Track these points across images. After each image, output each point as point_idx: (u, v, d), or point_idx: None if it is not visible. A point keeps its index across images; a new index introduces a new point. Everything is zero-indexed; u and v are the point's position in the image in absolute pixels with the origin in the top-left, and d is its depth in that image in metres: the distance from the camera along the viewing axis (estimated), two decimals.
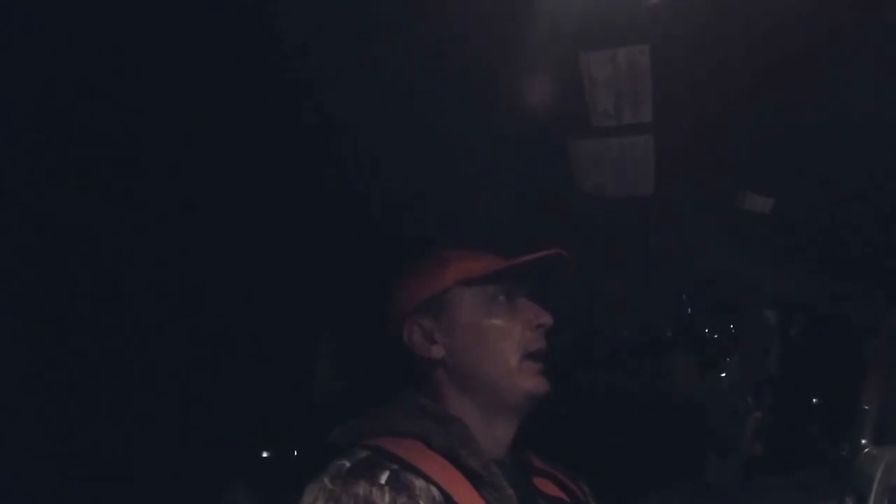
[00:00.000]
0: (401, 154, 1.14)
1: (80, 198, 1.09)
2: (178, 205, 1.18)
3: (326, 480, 0.94)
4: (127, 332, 1.16)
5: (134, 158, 1.12)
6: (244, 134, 1.11)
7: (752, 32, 1.02)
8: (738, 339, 1.50)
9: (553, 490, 1.11)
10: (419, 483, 0.94)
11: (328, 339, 1.38)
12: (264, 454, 1.28)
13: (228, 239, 1.23)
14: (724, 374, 1.52)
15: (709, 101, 1.12)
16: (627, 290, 1.46)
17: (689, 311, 1.54)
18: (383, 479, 0.93)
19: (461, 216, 1.20)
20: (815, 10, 0.97)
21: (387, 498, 0.91)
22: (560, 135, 1.19)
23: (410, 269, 1.12)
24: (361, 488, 0.91)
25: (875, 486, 0.88)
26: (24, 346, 1.06)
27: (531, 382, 1.04)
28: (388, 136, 1.11)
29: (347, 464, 0.96)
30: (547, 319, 1.07)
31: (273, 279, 1.28)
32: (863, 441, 0.94)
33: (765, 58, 1.06)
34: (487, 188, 1.25)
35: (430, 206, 1.20)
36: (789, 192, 1.29)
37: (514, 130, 1.15)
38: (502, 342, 1.05)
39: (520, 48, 1.01)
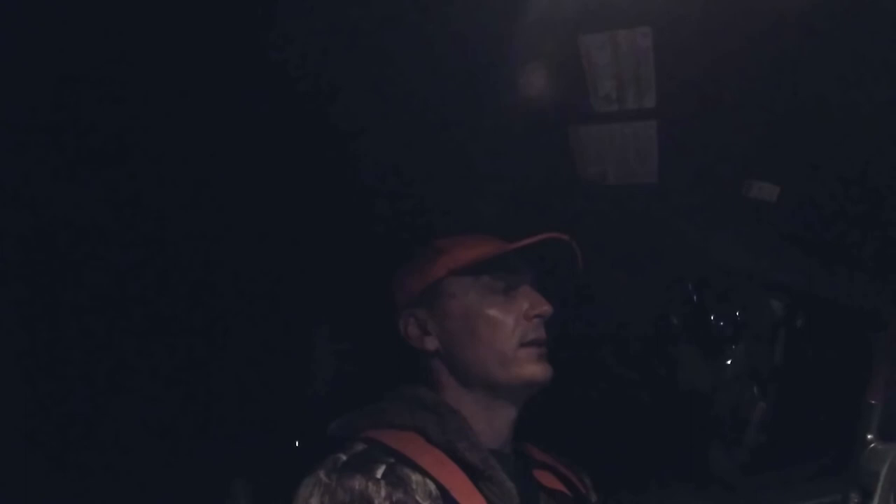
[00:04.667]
0: (400, 145, 1.13)
1: (77, 195, 1.08)
2: (178, 199, 1.17)
3: (322, 474, 0.93)
4: (124, 327, 1.15)
5: (134, 153, 1.11)
6: (243, 130, 1.10)
7: (759, 13, 0.99)
8: (744, 328, 1.48)
9: (554, 482, 1.10)
10: (416, 477, 0.94)
11: (327, 332, 1.38)
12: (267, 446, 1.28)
13: (227, 234, 1.22)
14: (729, 363, 1.50)
15: (714, 85, 1.09)
16: (632, 279, 1.44)
17: (695, 298, 1.52)
18: (379, 473, 0.92)
19: (463, 208, 1.18)
20: None
21: (383, 492, 0.90)
22: (561, 121, 1.17)
23: (407, 260, 1.11)
24: (357, 482, 0.91)
25: (881, 481, 0.87)
26: (21, 342, 1.06)
27: (529, 370, 1.02)
28: (385, 127, 1.09)
29: (343, 457, 0.95)
30: (545, 308, 1.04)
31: (272, 271, 1.27)
32: (869, 437, 0.93)
33: (773, 40, 1.03)
34: (489, 178, 1.23)
35: (430, 197, 1.18)
36: (797, 180, 1.26)
37: (514, 118, 1.12)
38: (496, 332, 1.03)
39: (518, 32, 0.99)
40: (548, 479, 1.10)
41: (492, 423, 1.05)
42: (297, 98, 1.06)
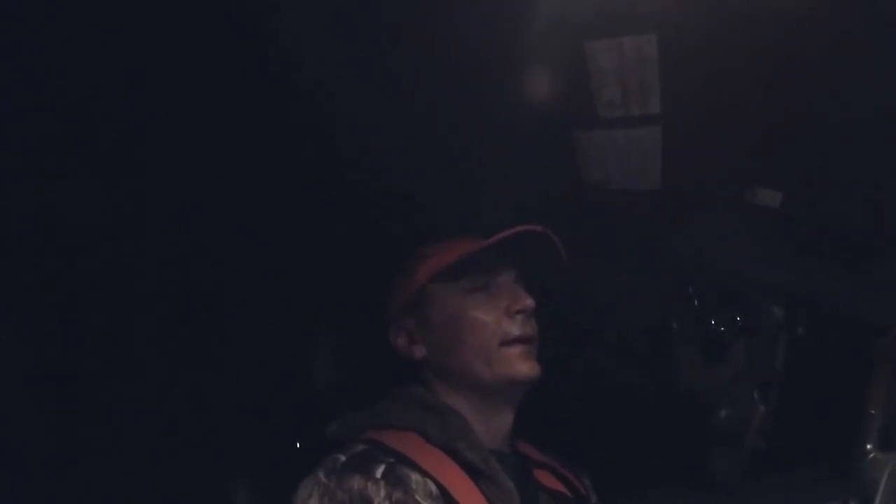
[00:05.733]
0: (403, 149, 1.13)
1: (78, 195, 1.08)
2: (178, 201, 1.18)
3: (321, 475, 0.93)
4: (125, 328, 1.16)
5: (132, 155, 1.11)
6: (243, 131, 1.10)
7: (763, 21, 1.00)
8: (745, 332, 1.48)
9: (554, 483, 1.10)
10: (416, 477, 0.94)
11: (327, 334, 1.38)
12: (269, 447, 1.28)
13: (228, 235, 1.23)
14: (729, 367, 1.50)
15: (718, 92, 1.10)
16: (633, 282, 1.45)
17: (696, 303, 1.53)
18: (379, 473, 0.92)
19: (467, 213, 1.18)
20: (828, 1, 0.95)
21: (382, 492, 0.90)
22: (565, 127, 1.17)
23: (397, 270, 1.11)
24: (356, 483, 0.91)
25: (880, 491, 0.88)
26: (24, 342, 1.06)
27: (514, 367, 1.02)
28: (388, 130, 1.10)
29: (343, 458, 0.95)
30: (527, 303, 1.03)
31: (273, 274, 1.27)
32: (868, 446, 0.93)
33: (776, 48, 1.03)
34: (492, 183, 1.24)
35: (433, 202, 1.19)
36: (799, 186, 1.26)
37: (519, 123, 1.13)
38: (479, 332, 1.02)
39: (523, 37, 0.99)
40: (547, 480, 1.10)
41: (488, 425, 1.05)
42: (300, 103, 1.06)
